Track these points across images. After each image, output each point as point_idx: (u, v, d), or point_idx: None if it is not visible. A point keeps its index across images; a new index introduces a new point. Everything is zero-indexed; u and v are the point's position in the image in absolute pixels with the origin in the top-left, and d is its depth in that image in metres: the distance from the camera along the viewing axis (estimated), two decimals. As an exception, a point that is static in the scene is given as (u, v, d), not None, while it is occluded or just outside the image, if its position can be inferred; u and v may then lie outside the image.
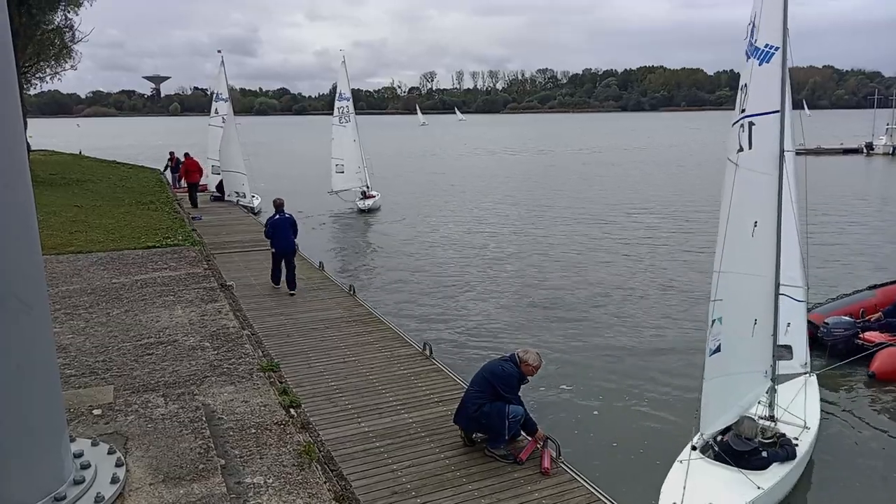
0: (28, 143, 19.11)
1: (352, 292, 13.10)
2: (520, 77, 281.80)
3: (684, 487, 6.77)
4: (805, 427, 8.07)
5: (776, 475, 7.34)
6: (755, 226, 7.40)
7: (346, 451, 6.76)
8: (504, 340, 12.80)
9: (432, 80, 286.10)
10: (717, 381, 7.43)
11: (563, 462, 6.70)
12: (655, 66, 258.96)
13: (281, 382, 7.01)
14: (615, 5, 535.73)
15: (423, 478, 6.36)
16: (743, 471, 7.25)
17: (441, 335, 12.94)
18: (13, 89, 3.55)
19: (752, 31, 7.02)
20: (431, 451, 6.87)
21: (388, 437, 7.13)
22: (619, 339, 12.92)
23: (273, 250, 13.21)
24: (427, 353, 9.65)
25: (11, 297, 3.49)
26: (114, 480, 4.11)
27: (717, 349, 7.39)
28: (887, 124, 60.98)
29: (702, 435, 7.52)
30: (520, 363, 6.96)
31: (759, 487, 7.09)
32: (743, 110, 7.14)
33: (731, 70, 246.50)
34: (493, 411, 6.74)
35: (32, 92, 35.47)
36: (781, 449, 7.61)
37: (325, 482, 4.69)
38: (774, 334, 7.92)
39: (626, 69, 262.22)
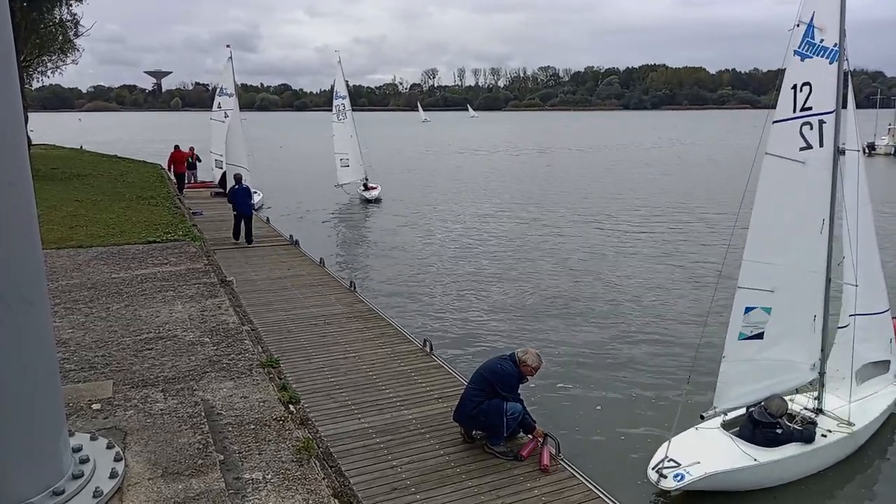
0: (29, 138, 19.14)
1: (352, 288, 13.10)
2: (521, 75, 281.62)
3: (668, 442, 7.30)
4: (848, 424, 8.09)
5: (777, 454, 7.50)
6: (823, 223, 7.55)
7: (345, 447, 6.77)
8: (505, 337, 12.80)
9: (434, 77, 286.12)
10: (748, 364, 7.60)
11: (562, 459, 6.70)
12: (657, 64, 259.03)
13: (280, 378, 6.99)
14: (616, 4, 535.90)
15: (422, 474, 6.37)
16: (744, 442, 7.51)
17: (441, 332, 12.94)
18: (14, 83, 3.53)
19: (812, 31, 7.03)
20: (431, 448, 6.87)
21: (387, 434, 7.13)
22: (620, 336, 12.91)
23: (235, 213, 17.33)
24: (427, 349, 9.65)
25: (12, 292, 3.48)
26: (112, 475, 4.10)
27: (759, 336, 7.55)
28: (889, 124, 60.87)
29: (715, 409, 7.75)
30: (519, 363, 6.92)
31: (754, 460, 7.32)
32: (809, 108, 7.14)
33: (733, 69, 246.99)
34: (490, 409, 6.73)
35: (34, 86, 35.45)
36: (798, 431, 7.71)
37: (323, 478, 4.68)
38: (824, 329, 8.05)
39: (627, 67, 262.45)
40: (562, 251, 20.72)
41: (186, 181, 28.17)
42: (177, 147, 27.75)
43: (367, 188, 31.06)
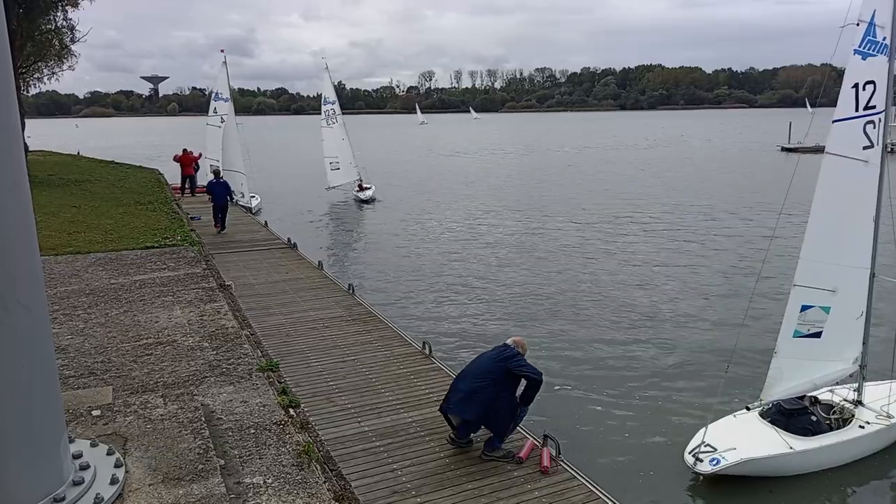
0: (26, 144, 19.12)
1: (351, 291, 13.09)
2: (518, 76, 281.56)
3: (705, 428, 7.55)
4: (888, 416, 8.22)
5: (813, 443, 7.69)
6: (873, 220, 7.72)
7: (345, 451, 6.76)
8: (504, 338, 12.77)
9: (430, 80, 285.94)
10: (803, 362, 7.75)
11: (562, 461, 6.69)
12: (653, 64, 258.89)
13: (280, 382, 7.01)
14: (613, 5, 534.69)
15: (422, 477, 6.36)
16: (780, 430, 7.71)
17: (440, 334, 12.94)
18: (10, 90, 3.54)
19: (874, 30, 7.10)
20: (431, 451, 6.87)
21: (387, 437, 7.13)
22: (621, 338, 12.92)
23: (213, 204, 19.47)
24: (426, 351, 9.65)
25: (10, 299, 3.48)
26: (113, 481, 4.11)
27: (816, 335, 7.69)
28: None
29: (761, 401, 7.92)
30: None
31: (790, 447, 7.51)
32: (873, 107, 7.23)
33: (729, 68, 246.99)
34: (504, 411, 6.65)
35: (31, 92, 35.44)
36: (835, 421, 7.94)
37: (324, 482, 4.69)
38: (867, 322, 8.19)
39: (624, 68, 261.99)
40: (563, 252, 20.73)
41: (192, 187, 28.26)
42: (185, 150, 27.91)
43: (360, 189, 31.85)
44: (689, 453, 7.57)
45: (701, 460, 7.40)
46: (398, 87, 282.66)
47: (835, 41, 7.22)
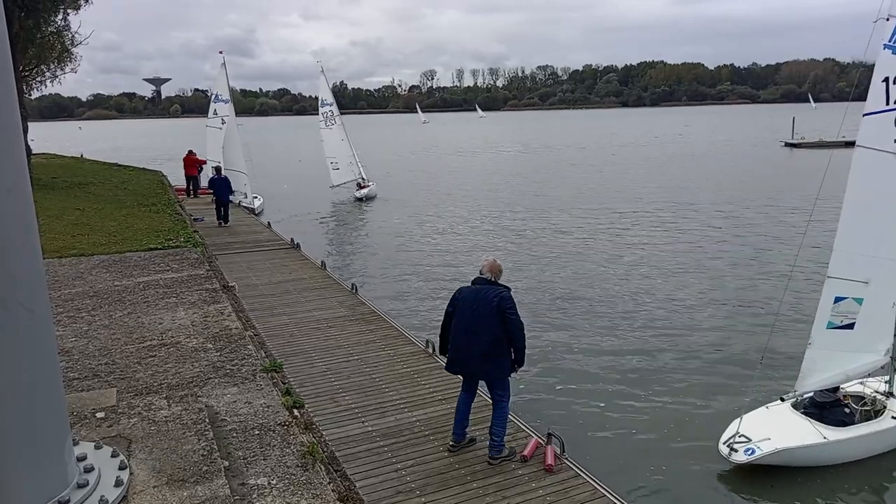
0: (29, 147, 19.19)
1: (354, 291, 13.10)
2: (520, 74, 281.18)
3: (740, 419, 7.71)
4: None
5: (846, 434, 7.78)
6: None
7: (349, 451, 6.76)
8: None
9: (432, 79, 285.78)
10: (833, 351, 7.86)
11: (566, 458, 6.69)
12: (656, 61, 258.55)
13: (284, 383, 7.00)
14: (611, 1, 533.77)
15: (427, 476, 6.36)
16: (814, 421, 7.85)
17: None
18: (11, 90, 3.54)
19: None
20: (435, 450, 6.86)
21: (391, 436, 7.13)
22: (625, 335, 12.89)
23: (214, 198, 20.98)
24: (430, 350, 9.65)
25: (11, 300, 3.48)
26: (117, 483, 4.11)
27: (849, 326, 7.86)
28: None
29: (795, 392, 8.07)
30: (498, 280, 6.73)
31: (824, 438, 7.63)
32: None
33: (732, 64, 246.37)
34: (510, 355, 6.54)
35: (33, 95, 35.52)
36: (867, 412, 8.07)
37: (329, 482, 4.69)
38: None
39: (626, 65, 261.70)
40: (566, 249, 20.68)
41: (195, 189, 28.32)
42: (190, 151, 28.04)
43: (359, 187, 32.21)
44: (724, 443, 7.68)
45: (736, 450, 7.52)
46: (400, 86, 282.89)
47: (836, 36, 7.30)
